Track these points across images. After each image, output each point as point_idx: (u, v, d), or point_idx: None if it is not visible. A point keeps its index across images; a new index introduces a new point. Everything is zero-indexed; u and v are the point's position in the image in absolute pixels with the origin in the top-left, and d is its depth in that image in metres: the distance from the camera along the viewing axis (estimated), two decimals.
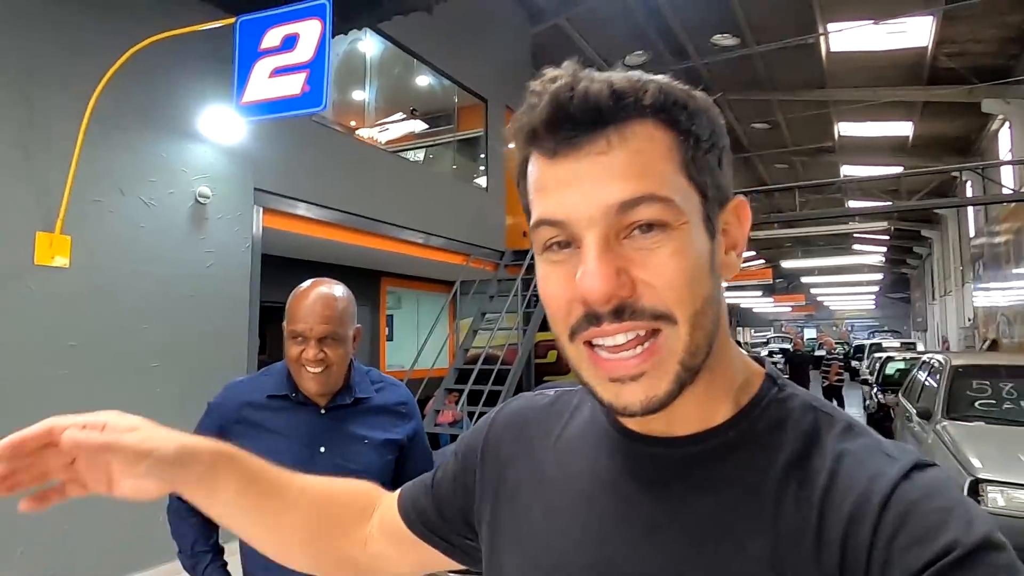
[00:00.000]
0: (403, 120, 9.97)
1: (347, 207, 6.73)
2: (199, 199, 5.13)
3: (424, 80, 9.52)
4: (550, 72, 0.54)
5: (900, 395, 7.02)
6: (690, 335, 0.53)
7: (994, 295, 14.25)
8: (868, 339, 26.60)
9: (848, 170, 18.87)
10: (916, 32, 10.75)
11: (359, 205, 6.88)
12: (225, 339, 5.33)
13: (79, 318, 4.33)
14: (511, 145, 0.59)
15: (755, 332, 44.11)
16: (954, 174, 15.71)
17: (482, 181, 9.63)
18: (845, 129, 15.89)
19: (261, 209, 5.68)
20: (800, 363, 13.18)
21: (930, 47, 11.07)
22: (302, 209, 6.19)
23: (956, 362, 5.59)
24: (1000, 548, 0.48)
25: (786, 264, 24.82)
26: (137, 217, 4.72)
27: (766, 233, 19.28)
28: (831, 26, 10.84)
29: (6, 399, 3.92)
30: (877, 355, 13.80)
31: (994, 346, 13.77)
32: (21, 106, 4.11)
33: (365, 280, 9.27)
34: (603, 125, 0.52)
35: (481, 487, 0.73)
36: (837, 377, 12.90)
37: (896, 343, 21.28)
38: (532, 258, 0.65)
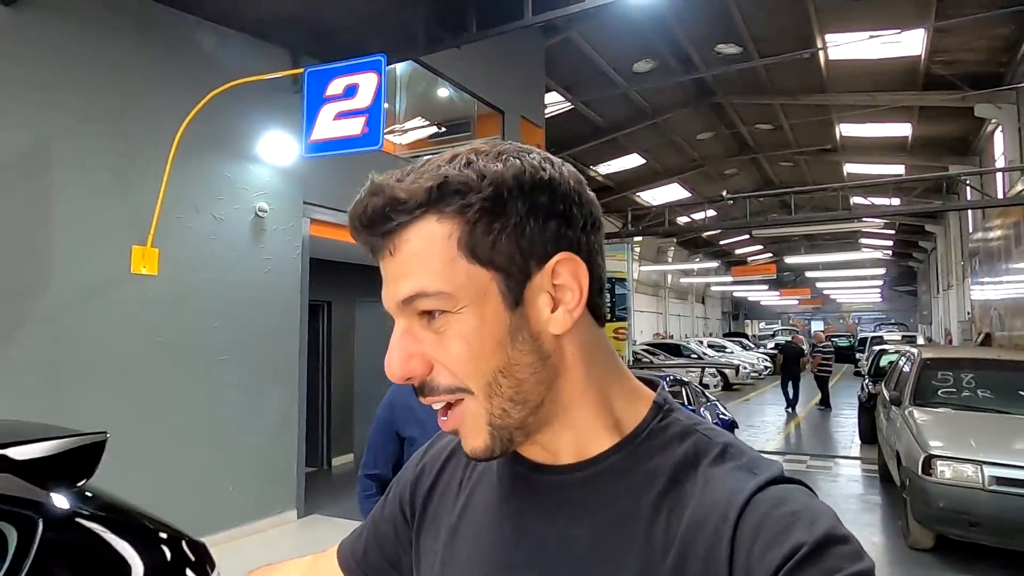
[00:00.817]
0: (424, 127, 10.72)
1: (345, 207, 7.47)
2: (258, 213, 5.90)
3: (444, 92, 10.24)
4: (364, 185, 0.60)
5: (882, 384, 7.71)
6: (488, 402, 0.59)
7: (988, 290, 14.84)
8: (873, 332, 27.13)
9: (851, 168, 19.42)
10: (910, 43, 11.33)
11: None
12: (280, 334, 6.10)
13: (165, 319, 5.11)
14: None
15: (764, 325, 44.63)
16: (952, 171, 16.25)
17: None
18: (846, 130, 16.45)
19: (308, 220, 6.45)
20: (792, 356, 14.21)
21: (924, 56, 11.64)
22: (341, 217, 6.95)
23: (925, 355, 6.28)
24: (843, 541, 0.53)
25: (790, 260, 25.36)
26: (209, 231, 5.49)
27: (773, 232, 19.84)
28: (829, 37, 11.44)
29: (110, 385, 4.71)
30: (875, 348, 14.46)
31: (987, 339, 14.37)
32: (119, 139, 4.88)
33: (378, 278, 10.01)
34: (387, 233, 0.58)
35: (411, 520, 0.77)
36: (818, 368, 13.86)
37: (898, 336, 21.84)
38: None
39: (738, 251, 31.24)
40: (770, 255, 31.76)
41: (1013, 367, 5.89)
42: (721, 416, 7.20)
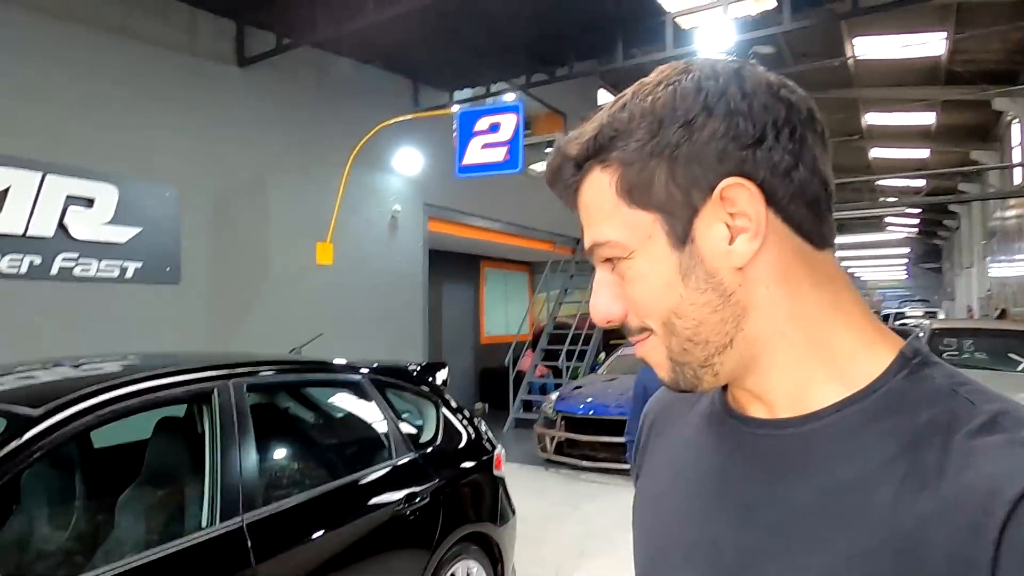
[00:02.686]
0: None
1: (467, 208, 8.94)
2: (394, 214, 7.41)
3: (510, 96, 11.64)
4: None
5: None
6: (667, 340, 0.58)
7: (1005, 268, 15.97)
8: (897, 308, 28.17)
9: (876, 152, 20.43)
10: (932, 45, 12.44)
11: (473, 206, 9.08)
12: (410, 311, 7.67)
13: (337, 299, 6.66)
14: None
15: None
16: (974, 156, 17.30)
17: None
18: (872, 119, 17.50)
19: (428, 218, 7.95)
20: None
21: (945, 55, 12.75)
22: (446, 213, 8.45)
23: (935, 326, 7.64)
24: None
25: None
26: (362, 229, 7.02)
27: None
28: (856, 40, 12.58)
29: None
30: (898, 323, 15.73)
31: (1003, 315, 15.54)
32: (309, 162, 6.41)
33: (468, 263, 11.54)
34: (568, 188, 0.60)
35: (640, 457, 0.77)
36: None
37: (920, 312, 22.91)
38: None
39: None
40: None
41: (1006, 335, 7.23)
42: None
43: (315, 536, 2.25)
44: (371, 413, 2.82)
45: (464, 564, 2.95)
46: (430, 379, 3.30)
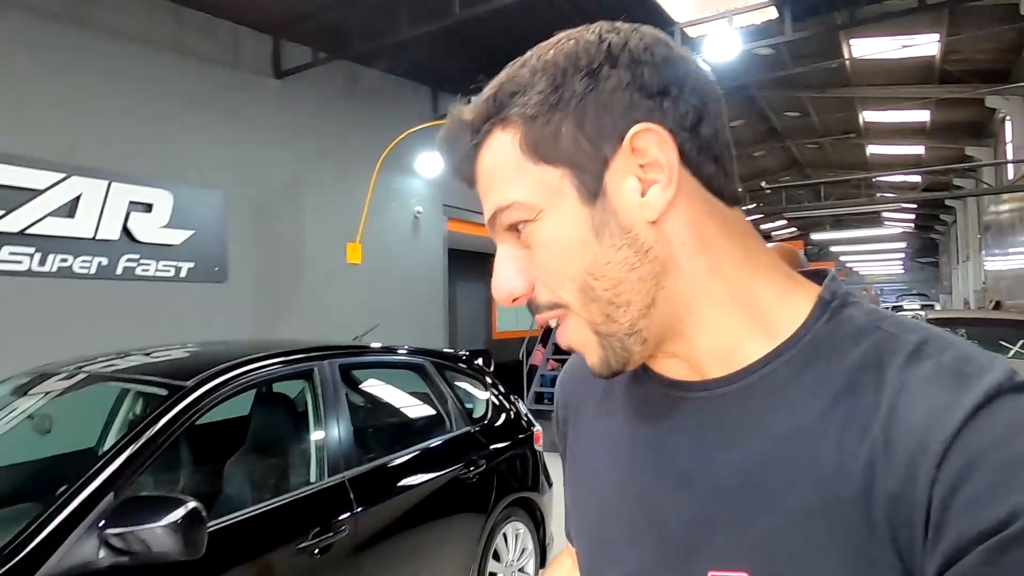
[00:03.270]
0: None
1: (480, 208, 9.33)
2: (416, 215, 7.80)
3: None
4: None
5: None
6: (586, 309, 0.53)
7: (999, 262, 16.41)
8: (895, 302, 28.58)
9: (873, 149, 20.85)
10: (925, 45, 12.84)
11: (477, 204, 9.49)
12: (432, 306, 8.07)
13: (366, 296, 7.05)
14: None
15: None
16: (968, 152, 17.74)
17: None
18: (869, 117, 17.92)
19: (447, 218, 8.35)
20: None
21: (938, 55, 13.15)
22: (461, 214, 8.85)
23: (929, 316, 8.05)
24: None
25: (816, 236, 26.79)
26: (387, 229, 7.41)
27: (802, 214, 21.39)
28: (853, 42, 12.99)
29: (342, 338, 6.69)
30: None
31: (998, 307, 15.97)
32: (340, 167, 6.79)
33: (479, 261, 11.93)
34: (468, 160, 0.56)
35: (563, 444, 0.73)
36: None
37: (917, 305, 23.33)
38: None
39: (763, 226, 32.70)
40: (794, 230, 33.23)
41: (996, 323, 7.65)
42: None
43: (398, 492, 2.64)
44: (434, 391, 3.22)
45: (513, 526, 3.35)
46: (476, 364, 3.69)
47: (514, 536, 3.35)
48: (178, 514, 1.67)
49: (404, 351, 3.23)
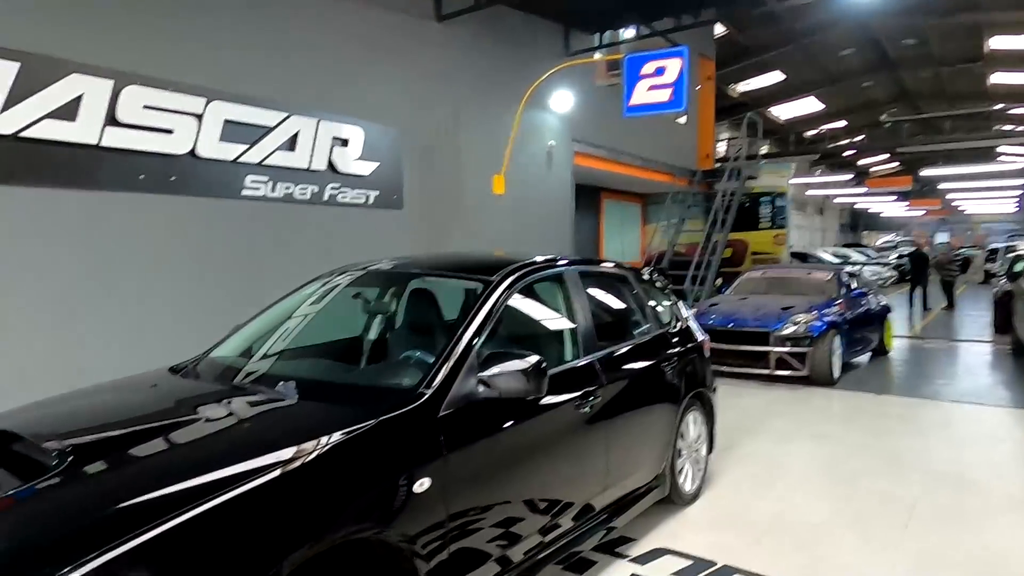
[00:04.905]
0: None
1: (602, 143, 9.74)
2: (549, 149, 8.32)
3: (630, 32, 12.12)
4: None
5: (1020, 282, 9.46)
6: None
7: None
8: (1006, 242, 27.18)
9: (997, 78, 19.55)
10: None
11: (607, 141, 9.86)
12: (560, 235, 8.70)
13: (507, 224, 7.71)
14: (697, 88, 1.75)
15: (884, 237, 44.11)
16: None
17: (682, 119, 12.31)
18: (997, 43, 16.80)
19: (574, 152, 8.83)
20: (921, 262, 15.37)
21: None
22: (586, 148, 9.29)
23: None
24: None
25: (926, 172, 25.56)
26: (525, 162, 7.98)
27: (914, 149, 20.48)
28: None
29: None
30: (1008, 255, 15.67)
31: None
32: (489, 103, 7.35)
33: (590, 195, 12.39)
34: None
35: None
36: (945, 272, 15.04)
37: None
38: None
39: (860, 161, 31.27)
40: (896, 164, 31.61)
41: None
42: (881, 303, 9.20)
43: (624, 375, 3.29)
44: (635, 299, 3.84)
45: (693, 414, 3.99)
46: (660, 280, 4.28)
47: (693, 422, 4.00)
48: (529, 362, 2.35)
49: (618, 264, 3.86)
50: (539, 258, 3.18)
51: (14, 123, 3.79)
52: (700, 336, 4.33)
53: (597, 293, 3.53)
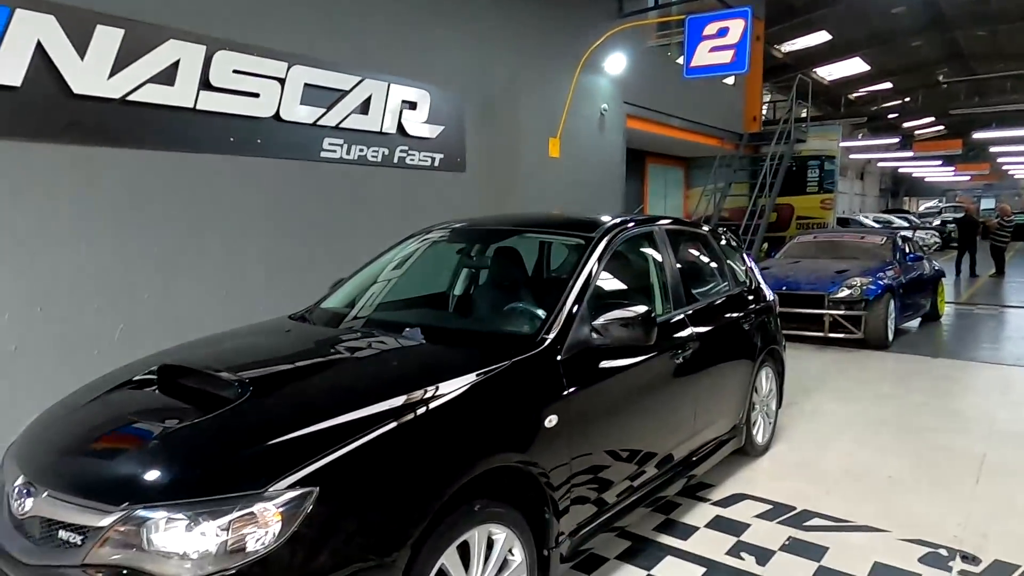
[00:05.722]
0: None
1: (652, 106, 9.70)
2: (602, 112, 8.34)
3: None
4: None
5: None
6: None
7: None
8: None
9: None
10: None
11: (657, 104, 9.81)
12: (611, 198, 8.74)
13: (561, 187, 7.80)
14: None
15: (925, 204, 43.01)
16: None
17: (730, 80, 12.15)
18: None
19: (626, 115, 8.83)
20: (969, 227, 15.08)
21: None
22: (637, 111, 9.28)
23: None
24: None
25: (979, 135, 24.78)
26: (578, 125, 8.02)
27: (963, 111, 19.87)
28: None
29: None
30: None
31: None
32: (544, 70, 7.39)
33: (635, 158, 12.36)
34: None
35: None
36: (995, 238, 14.73)
37: None
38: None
39: (905, 124, 30.38)
40: (942, 128, 30.66)
41: None
42: (935, 268, 9.13)
43: (711, 328, 3.43)
44: (715, 257, 3.95)
45: (767, 369, 4.13)
46: (733, 240, 4.38)
47: (766, 377, 4.14)
48: (640, 312, 2.50)
49: (694, 224, 3.97)
50: (630, 217, 3.31)
51: (121, 87, 3.99)
52: (770, 295, 4.43)
53: (683, 251, 3.65)
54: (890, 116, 28.18)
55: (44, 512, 1.71)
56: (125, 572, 1.55)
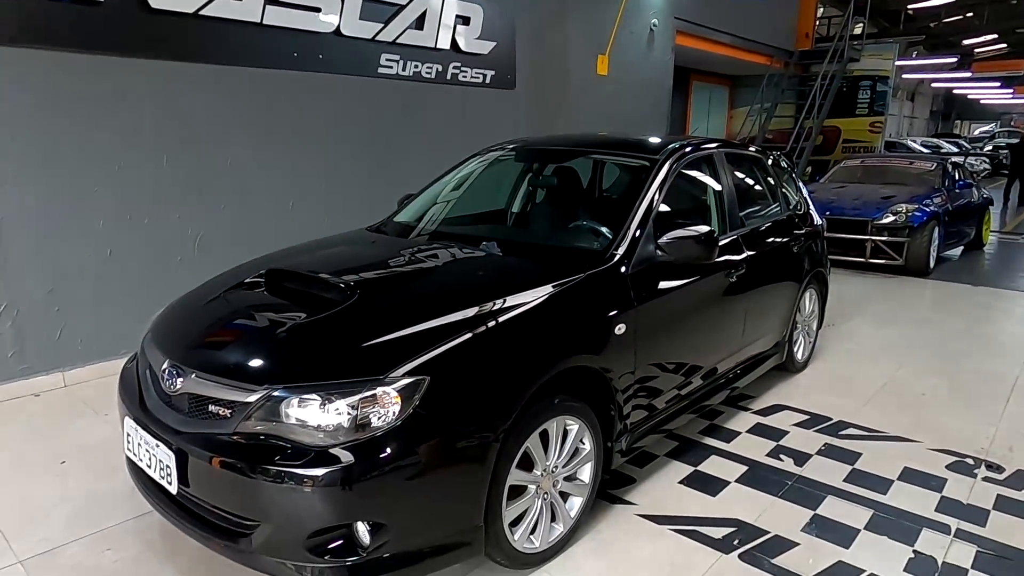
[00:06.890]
0: None
1: (702, 21, 9.40)
2: (652, 28, 8.15)
3: None
4: None
5: None
6: None
7: None
8: None
9: None
10: None
11: (706, 18, 9.49)
12: (657, 116, 8.69)
13: (609, 104, 7.76)
14: None
15: (978, 128, 41.09)
16: None
17: None
18: None
19: (676, 31, 8.61)
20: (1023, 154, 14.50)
21: None
22: (687, 27, 9.02)
23: None
24: None
25: None
26: (628, 42, 7.88)
27: None
28: None
29: None
30: None
31: None
32: None
33: (680, 75, 12.04)
34: None
35: None
36: None
37: None
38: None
39: (965, 42, 28.64)
40: (1004, 46, 28.87)
41: None
42: (983, 196, 8.97)
43: (762, 249, 3.58)
44: (767, 181, 4.04)
45: (811, 291, 4.29)
46: (787, 164, 4.44)
47: (809, 298, 4.30)
48: (702, 231, 2.67)
49: (751, 147, 4.04)
50: (687, 139, 3.41)
51: (194, 1, 4.10)
52: (818, 220, 4.53)
53: (739, 174, 3.75)
54: (950, 35, 26.57)
55: (194, 389, 2.00)
56: (270, 439, 1.84)
